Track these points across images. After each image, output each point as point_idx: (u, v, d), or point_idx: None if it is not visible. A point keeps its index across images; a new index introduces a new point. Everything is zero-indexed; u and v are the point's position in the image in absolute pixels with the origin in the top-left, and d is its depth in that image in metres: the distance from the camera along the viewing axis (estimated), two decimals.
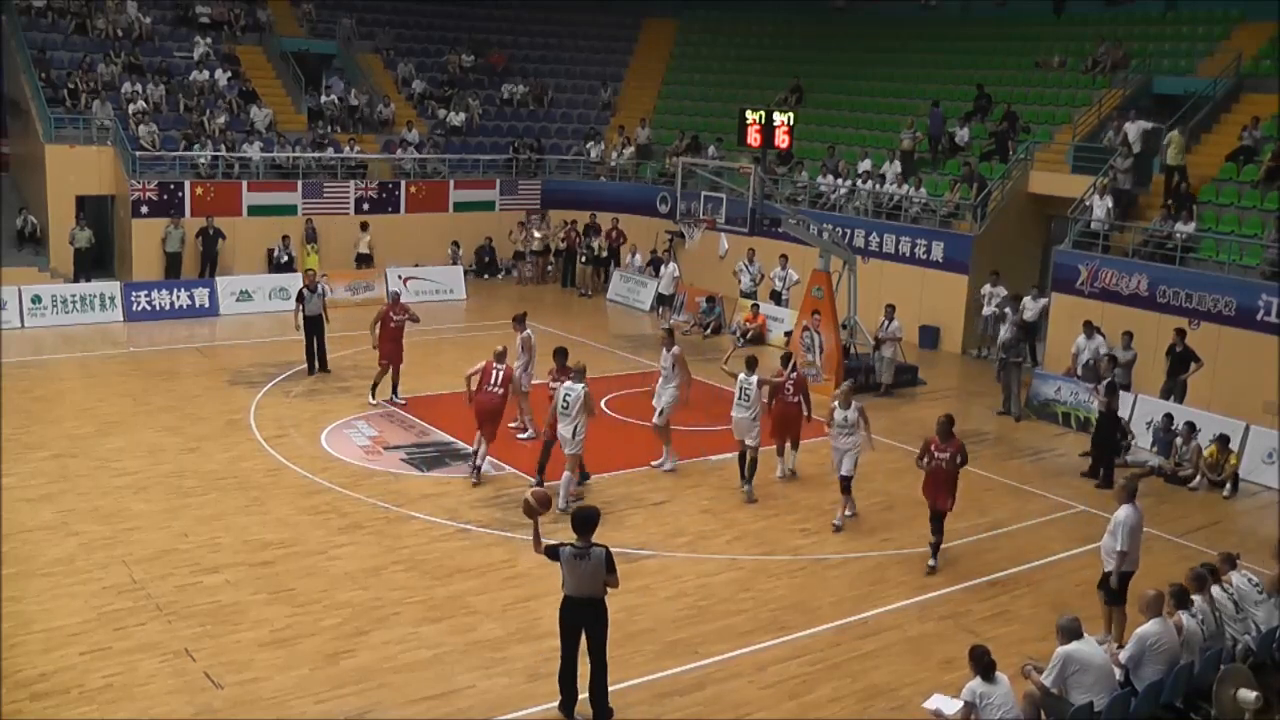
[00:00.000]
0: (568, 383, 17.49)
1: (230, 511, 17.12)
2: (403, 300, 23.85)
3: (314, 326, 25.12)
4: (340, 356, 26.15)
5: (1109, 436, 20.87)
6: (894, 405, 24.84)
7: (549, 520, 16.88)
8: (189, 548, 15.77)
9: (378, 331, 22.80)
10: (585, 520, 11.86)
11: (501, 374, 18.76)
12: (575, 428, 17.33)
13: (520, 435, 21.32)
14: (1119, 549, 13.89)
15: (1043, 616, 14.46)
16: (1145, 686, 11.34)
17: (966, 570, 16.30)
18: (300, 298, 25.10)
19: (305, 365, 25.18)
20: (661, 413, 19.74)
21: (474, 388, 18.84)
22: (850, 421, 17.70)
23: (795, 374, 19.67)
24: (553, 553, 11.84)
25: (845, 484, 17.77)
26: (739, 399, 18.75)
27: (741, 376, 18.88)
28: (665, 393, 19.85)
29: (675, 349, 20.14)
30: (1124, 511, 13.96)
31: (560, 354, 18.87)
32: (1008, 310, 25.78)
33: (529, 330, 21.39)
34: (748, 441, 18.72)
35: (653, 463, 19.81)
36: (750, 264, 31.09)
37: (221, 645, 13.14)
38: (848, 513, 17.88)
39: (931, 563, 16.13)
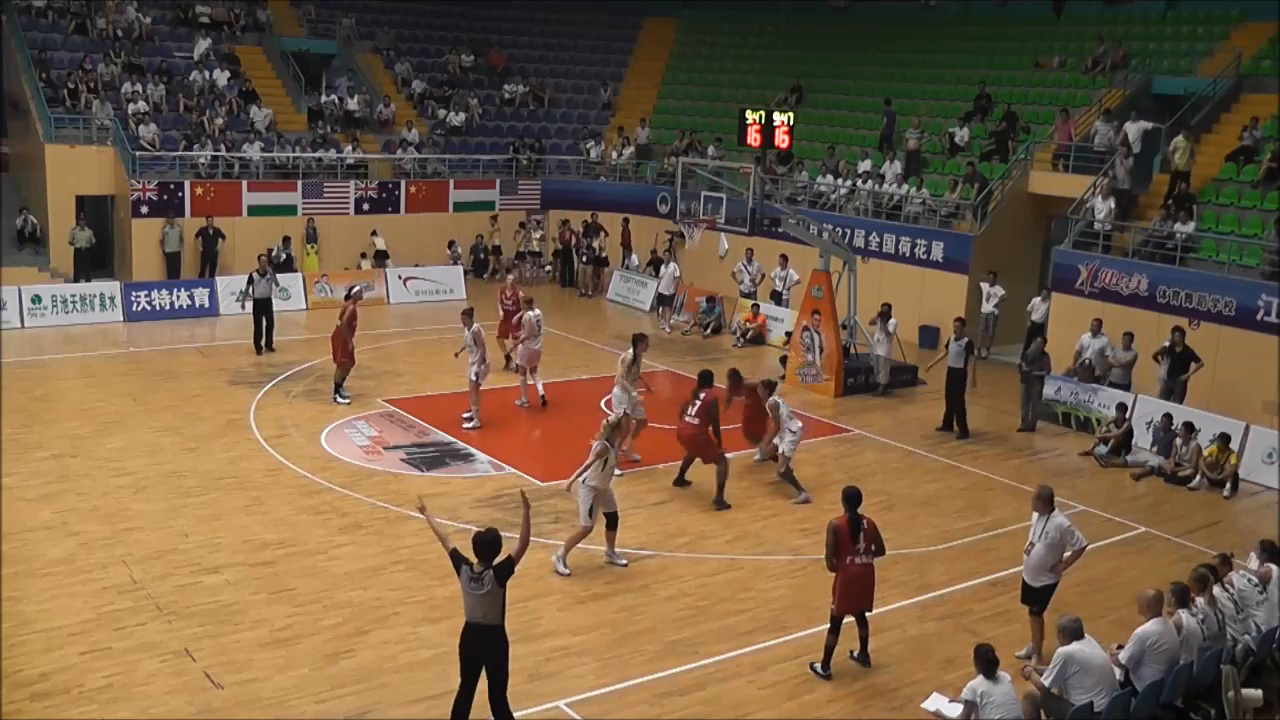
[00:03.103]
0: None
1: (230, 511, 17.12)
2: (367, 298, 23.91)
3: (262, 308, 26.83)
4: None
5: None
6: (893, 405, 24.85)
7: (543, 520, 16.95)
8: (189, 547, 15.77)
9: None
10: (485, 544, 10.95)
11: (699, 405, 18.56)
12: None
13: (466, 425, 21.73)
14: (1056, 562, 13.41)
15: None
16: (1145, 687, 11.34)
17: (966, 570, 16.31)
18: (250, 280, 26.98)
19: (256, 346, 26.77)
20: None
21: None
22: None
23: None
24: (455, 560, 11.02)
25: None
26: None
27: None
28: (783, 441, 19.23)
29: (771, 399, 19.59)
30: (1057, 520, 13.48)
31: (734, 375, 19.86)
32: (1032, 320, 25.97)
33: (478, 325, 21.84)
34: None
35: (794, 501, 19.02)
36: (749, 264, 31.09)
37: (221, 645, 13.14)
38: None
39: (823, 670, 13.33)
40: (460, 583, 11.02)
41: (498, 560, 10.93)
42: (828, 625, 13.26)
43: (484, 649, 11.06)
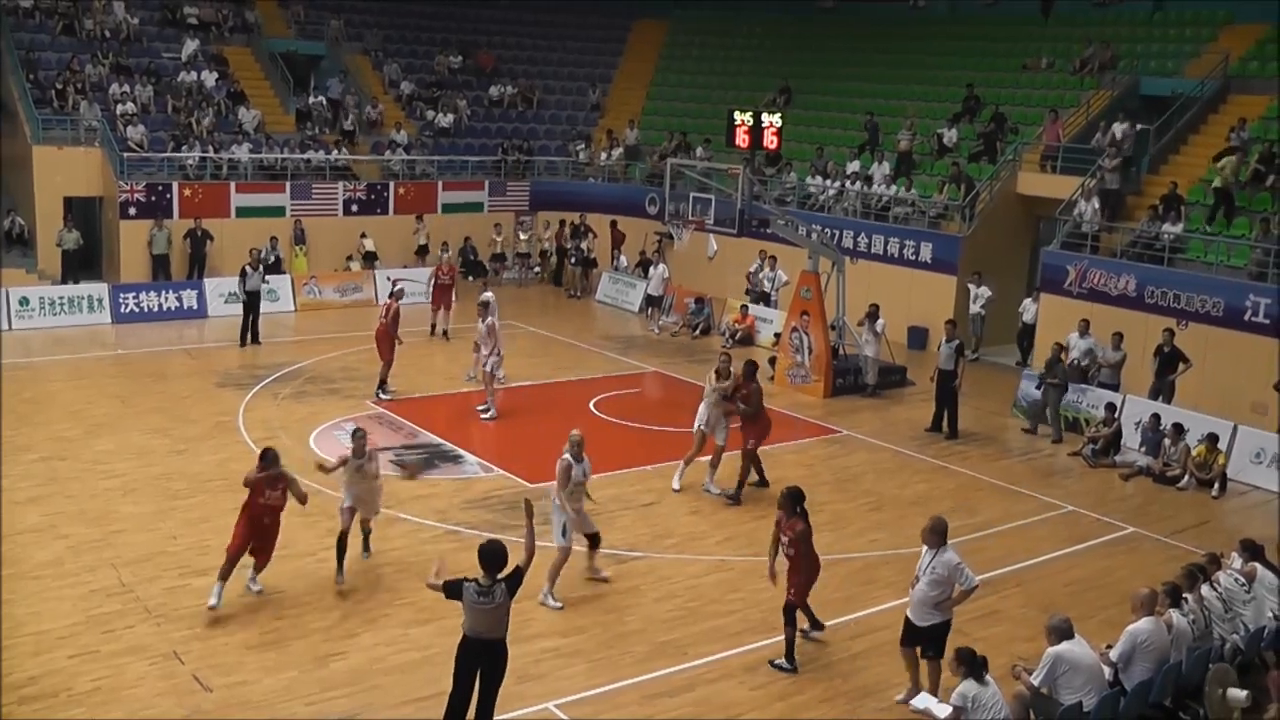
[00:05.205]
0: None
1: (219, 514, 17.00)
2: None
3: (253, 301, 27.55)
4: (329, 359, 26.19)
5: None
6: (882, 406, 24.88)
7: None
8: (178, 550, 15.74)
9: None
10: (492, 555, 10.73)
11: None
12: None
13: (484, 416, 22.18)
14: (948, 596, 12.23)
15: (1032, 617, 14.49)
16: (1134, 686, 11.37)
17: None
18: (243, 274, 27.65)
19: (242, 339, 27.39)
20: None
21: None
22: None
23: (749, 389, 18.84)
24: (453, 590, 10.69)
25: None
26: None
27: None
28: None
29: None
30: (946, 556, 12.20)
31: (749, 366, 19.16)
32: (1024, 321, 26.10)
33: (493, 318, 22.50)
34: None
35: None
36: (772, 270, 30.82)
37: (210, 648, 13.12)
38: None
39: (786, 664, 13.41)
40: (464, 600, 10.67)
41: (505, 572, 10.77)
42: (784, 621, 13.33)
43: (487, 662, 10.87)
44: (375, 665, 12.97)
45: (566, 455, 14.82)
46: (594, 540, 15.35)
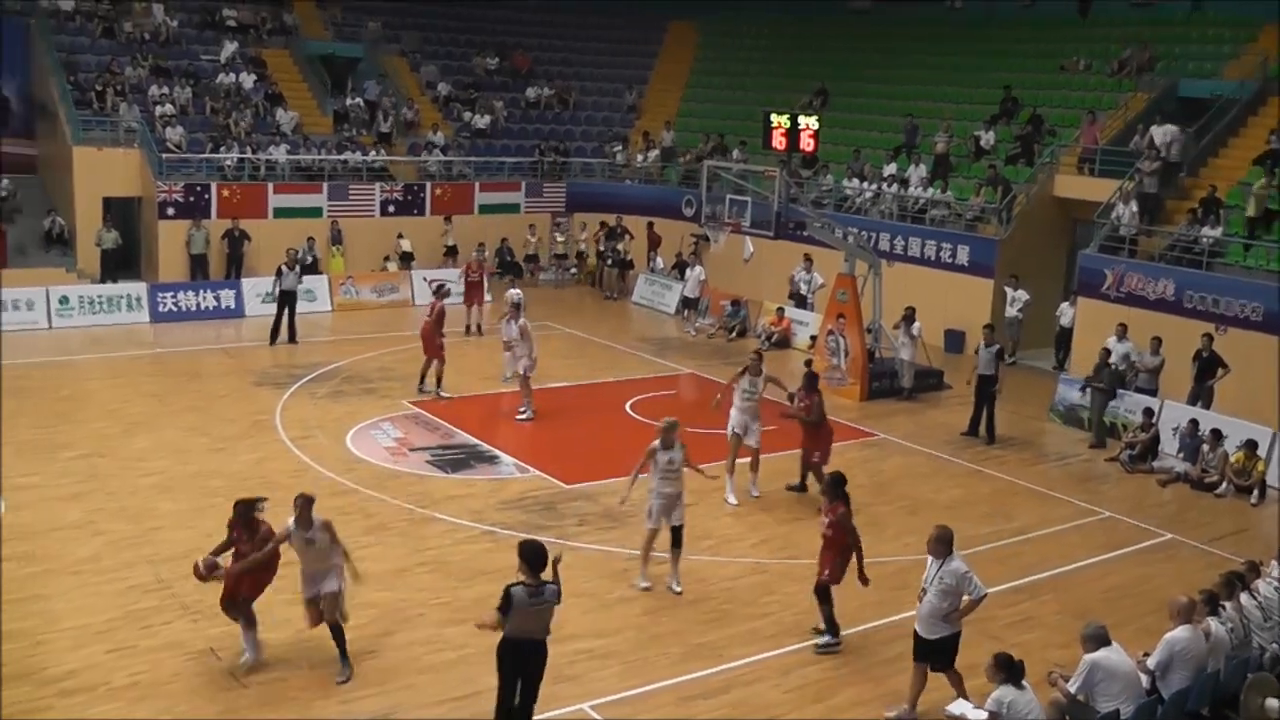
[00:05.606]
0: None
1: None
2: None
3: (287, 299, 27.64)
4: (366, 359, 26.31)
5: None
6: (917, 409, 24.80)
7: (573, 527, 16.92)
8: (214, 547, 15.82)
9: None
10: (536, 552, 10.67)
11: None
12: None
13: (520, 418, 22.36)
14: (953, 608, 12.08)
15: (1067, 623, 14.37)
16: (1172, 694, 11.29)
17: (990, 576, 16.10)
18: (279, 273, 27.77)
19: (273, 337, 27.59)
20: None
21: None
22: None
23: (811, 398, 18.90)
24: (505, 603, 10.52)
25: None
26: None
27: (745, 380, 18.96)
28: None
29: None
30: (954, 565, 12.09)
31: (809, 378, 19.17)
32: (1061, 325, 25.95)
33: (524, 319, 22.67)
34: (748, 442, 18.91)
35: None
36: (808, 272, 30.79)
37: None
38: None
39: (830, 638, 13.95)
40: (515, 606, 10.52)
41: (548, 574, 10.74)
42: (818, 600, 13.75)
43: (532, 663, 10.90)
44: (409, 664, 13.02)
45: (656, 440, 15.18)
46: (676, 535, 15.31)
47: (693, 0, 45.60)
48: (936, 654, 12.18)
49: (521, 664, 10.87)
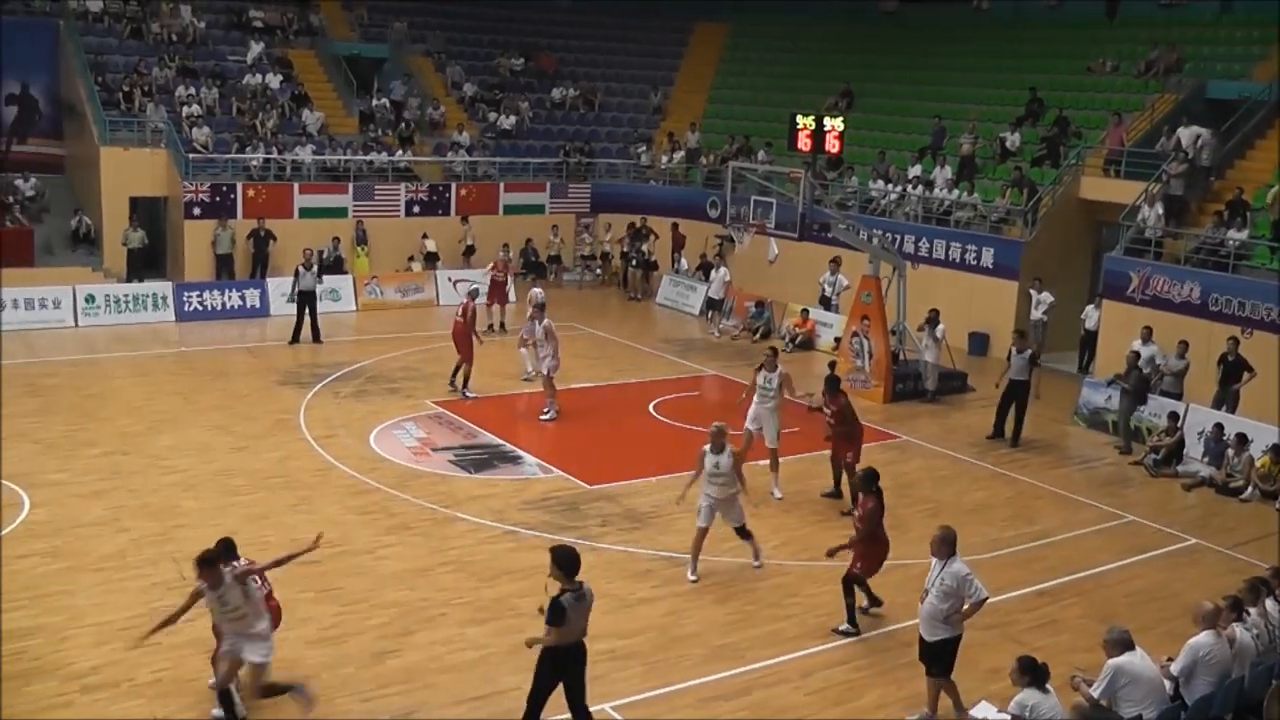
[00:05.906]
0: None
1: (278, 510, 17.25)
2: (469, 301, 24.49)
3: (306, 299, 27.83)
4: (390, 359, 26.39)
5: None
6: (941, 412, 24.71)
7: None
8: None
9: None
10: (571, 558, 10.70)
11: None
12: None
13: (544, 418, 22.44)
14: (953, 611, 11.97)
15: (1091, 627, 14.30)
16: (1195, 700, 11.22)
17: (1013, 579, 16.17)
18: (296, 273, 28.04)
19: (294, 337, 27.73)
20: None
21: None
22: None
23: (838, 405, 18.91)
24: (557, 614, 10.54)
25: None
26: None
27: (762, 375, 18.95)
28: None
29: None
30: (955, 567, 12.01)
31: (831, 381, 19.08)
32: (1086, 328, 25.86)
33: (549, 320, 22.82)
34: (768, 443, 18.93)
35: None
36: (834, 275, 30.66)
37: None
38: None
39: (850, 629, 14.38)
40: (568, 615, 10.56)
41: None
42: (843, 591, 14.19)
43: (574, 664, 10.97)
44: (431, 664, 13.04)
45: (706, 444, 15.54)
46: (741, 533, 15.86)
47: (719, 1, 45.63)
48: (933, 657, 12.13)
49: (563, 668, 10.93)
